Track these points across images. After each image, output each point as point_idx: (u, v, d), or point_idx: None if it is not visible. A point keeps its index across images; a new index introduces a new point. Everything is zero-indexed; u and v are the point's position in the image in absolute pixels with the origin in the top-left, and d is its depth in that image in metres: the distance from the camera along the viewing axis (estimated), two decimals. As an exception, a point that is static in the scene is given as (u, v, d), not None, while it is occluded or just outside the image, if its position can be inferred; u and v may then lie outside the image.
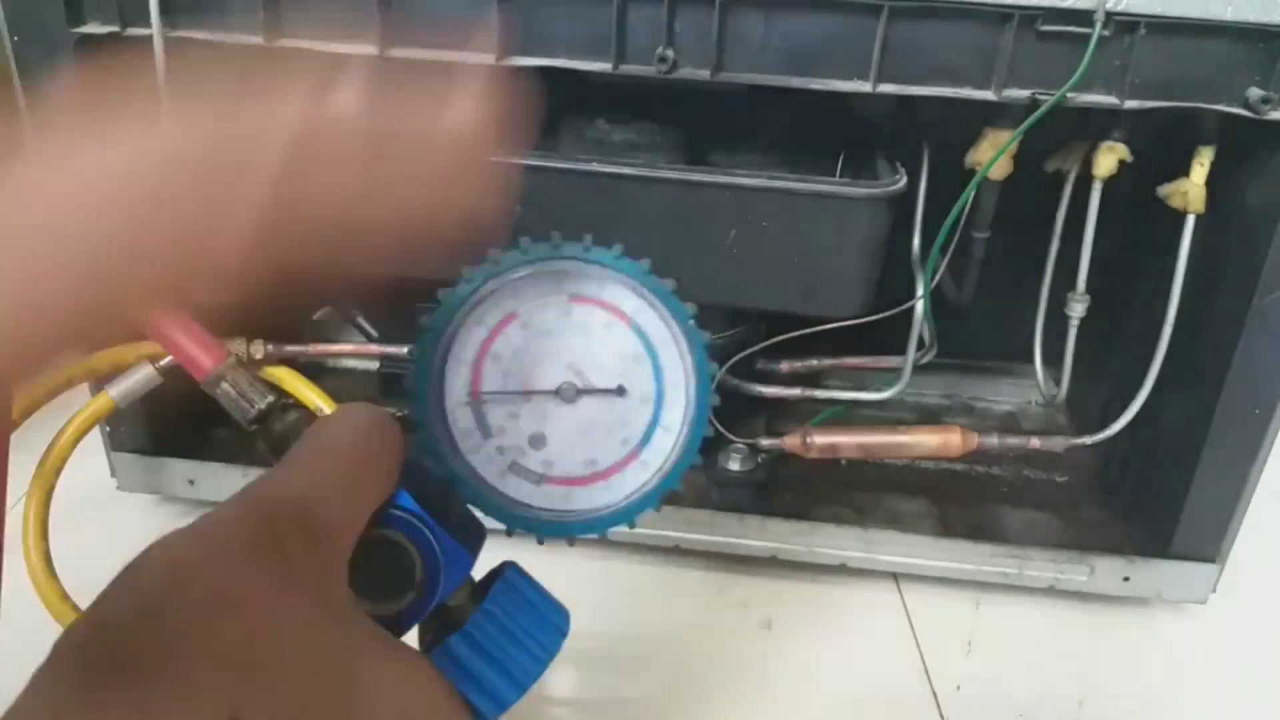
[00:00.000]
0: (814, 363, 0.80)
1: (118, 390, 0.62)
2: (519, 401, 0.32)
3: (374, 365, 0.85)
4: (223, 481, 0.72)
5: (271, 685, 0.23)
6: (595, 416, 0.32)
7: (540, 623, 0.33)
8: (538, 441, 0.33)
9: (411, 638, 0.31)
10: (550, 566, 0.33)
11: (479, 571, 0.34)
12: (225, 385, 0.30)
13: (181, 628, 0.22)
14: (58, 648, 0.22)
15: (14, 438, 0.42)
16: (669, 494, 0.33)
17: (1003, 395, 0.90)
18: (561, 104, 0.68)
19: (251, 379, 0.31)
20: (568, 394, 0.32)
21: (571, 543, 0.33)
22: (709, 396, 0.32)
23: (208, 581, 0.23)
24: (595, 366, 0.32)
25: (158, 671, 0.21)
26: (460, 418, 0.32)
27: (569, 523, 0.33)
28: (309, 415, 0.31)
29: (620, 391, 0.32)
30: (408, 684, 0.29)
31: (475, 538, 0.33)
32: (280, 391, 0.31)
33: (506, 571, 0.33)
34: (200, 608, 0.23)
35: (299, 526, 0.25)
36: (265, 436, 0.31)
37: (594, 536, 0.34)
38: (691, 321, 0.32)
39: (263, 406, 0.30)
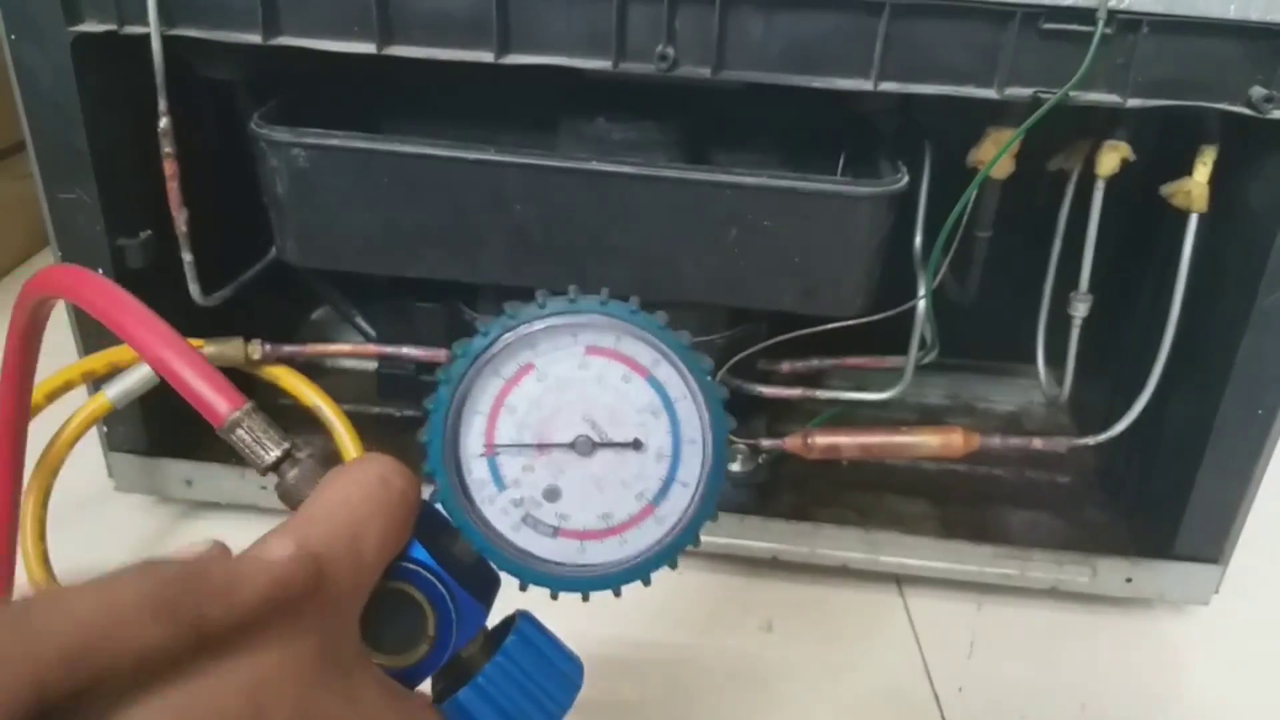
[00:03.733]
0: (815, 363, 0.80)
1: (115, 391, 0.62)
2: (534, 454, 0.32)
3: (372, 365, 0.85)
4: (220, 482, 0.72)
5: None
6: (610, 470, 0.32)
7: (553, 675, 0.32)
8: (552, 494, 0.32)
9: (425, 687, 0.31)
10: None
11: (493, 617, 0.33)
12: (241, 432, 0.30)
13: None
14: None
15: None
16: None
17: (1005, 395, 0.89)
18: (560, 102, 0.68)
19: (267, 425, 0.30)
20: (583, 447, 0.32)
21: (585, 598, 0.33)
22: (726, 452, 0.32)
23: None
24: (611, 420, 0.32)
25: None
26: (475, 469, 0.32)
27: (583, 577, 0.32)
28: (324, 463, 0.30)
29: (636, 445, 0.32)
30: None
31: (488, 588, 0.33)
32: (295, 439, 0.31)
33: (519, 622, 0.33)
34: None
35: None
36: (279, 485, 0.30)
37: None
38: (709, 377, 0.32)
39: (278, 454, 0.30)
